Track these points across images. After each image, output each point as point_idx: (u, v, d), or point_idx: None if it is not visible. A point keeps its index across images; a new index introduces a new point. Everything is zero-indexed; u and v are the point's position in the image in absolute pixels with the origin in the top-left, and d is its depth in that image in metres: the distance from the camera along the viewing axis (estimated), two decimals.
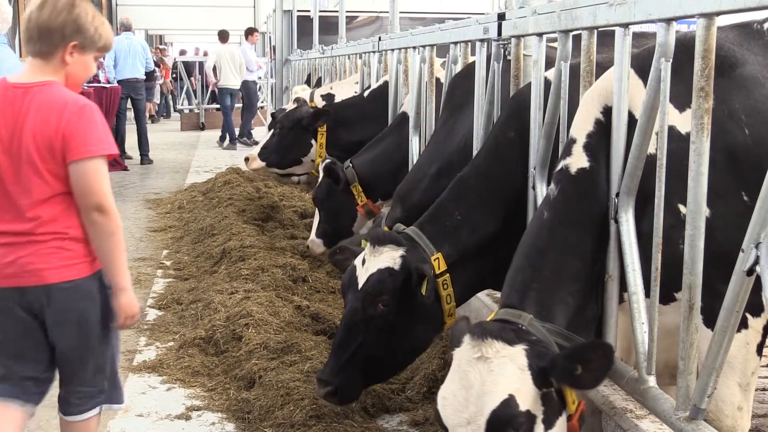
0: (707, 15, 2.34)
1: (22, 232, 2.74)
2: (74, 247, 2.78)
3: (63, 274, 2.77)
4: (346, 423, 3.68)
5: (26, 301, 2.77)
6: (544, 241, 2.84)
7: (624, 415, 2.78)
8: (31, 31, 2.79)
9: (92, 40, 2.83)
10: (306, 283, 6.00)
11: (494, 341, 2.47)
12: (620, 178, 2.79)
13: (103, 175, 2.76)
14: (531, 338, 2.54)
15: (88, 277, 2.82)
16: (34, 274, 2.74)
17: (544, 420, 2.48)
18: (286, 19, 16.90)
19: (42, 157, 2.72)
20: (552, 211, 2.89)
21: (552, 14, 3.26)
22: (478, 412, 2.41)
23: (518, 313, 2.65)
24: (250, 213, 8.13)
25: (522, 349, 2.48)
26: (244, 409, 3.94)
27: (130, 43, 13.22)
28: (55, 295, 2.77)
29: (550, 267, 2.78)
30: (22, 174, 2.74)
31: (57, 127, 2.71)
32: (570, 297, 2.76)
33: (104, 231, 2.77)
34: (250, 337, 4.61)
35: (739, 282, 2.26)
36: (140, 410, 4.11)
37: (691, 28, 3.74)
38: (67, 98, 2.77)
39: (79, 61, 2.83)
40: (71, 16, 2.78)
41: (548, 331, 2.61)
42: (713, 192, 2.54)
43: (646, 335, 2.73)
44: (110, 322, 2.90)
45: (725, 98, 2.79)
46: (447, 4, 18.15)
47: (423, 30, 5.94)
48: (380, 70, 7.36)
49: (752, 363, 2.74)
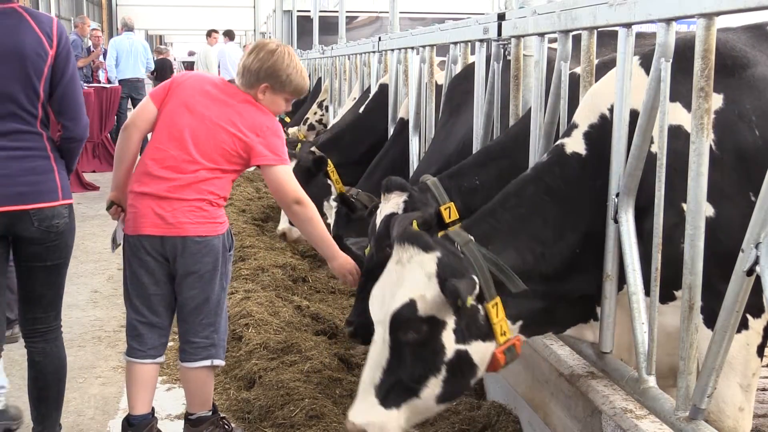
0: (707, 15, 2.34)
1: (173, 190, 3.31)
2: (210, 209, 3.32)
3: (198, 230, 3.31)
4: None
5: (164, 249, 3.32)
6: (522, 197, 2.88)
7: (624, 415, 2.78)
8: (238, 71, 3.47)
9: (282, 85, 3.40)
10: (306, 283, 6.00)
11: (410, 247, 2.65)
12: (620, 178, 2.79)
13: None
14: (449, 249, 2.67)
15: (215, 236, 3.34)
16: (177, 226, 3.29)
17: (456, 331, 2.64)
18: (286, 19, 16.93)
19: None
20: (539, 179, 2.91)
21: (552, 14, 3.26)
22: (387, 313, 2.63)
23: (460, 233, 2.76)
24: (250, 213, 8.14)
25: (434, 257, 2.62)
26: (244, 409, 3.94)
27: (132, 43, 13.23)
28: (190, 246, 3.31)
29: (514, 216, 2.85)
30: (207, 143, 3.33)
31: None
32: (524, 249, 2.79)
33: (303, 218, 3.46)
34: (250, 337, 4.61)
35: (739, 282, 2.26)
36: None
37: (691, 28, 3.75)
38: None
39: (268, 99, 3.42)
40: (267, 63, 3.37)
41: (483, 257, 2.68)
42: (720, 192, 2.54)
43: (646, 335, 2.73)
44: (225, 283, 3.45)
45: (736, 99, 2.78)
46: (447, 4, 18.16)
47: (423, 30, 5.93)
48: (380, 71, 7.36)
49: (753, 364, 2.74)
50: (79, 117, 3.38)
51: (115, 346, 5.11)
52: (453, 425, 3.72)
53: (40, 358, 3.45)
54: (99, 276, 6.70)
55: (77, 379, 4.55)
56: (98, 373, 4.67)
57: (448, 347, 2.64)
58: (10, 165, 3.20)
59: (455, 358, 2.66)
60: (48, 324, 3.46)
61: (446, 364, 2.65)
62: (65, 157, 3.41)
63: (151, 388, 3.50)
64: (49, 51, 3.22)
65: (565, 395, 3.20)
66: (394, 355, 2.66)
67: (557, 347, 3.41)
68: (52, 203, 3.29)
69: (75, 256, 7.37)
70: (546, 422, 3.39)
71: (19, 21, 3.20)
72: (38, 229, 3.26)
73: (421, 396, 2.66)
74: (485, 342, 2.69)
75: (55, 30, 3.26)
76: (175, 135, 3.33)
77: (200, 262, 3.34)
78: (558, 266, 2.84)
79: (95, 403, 4.27)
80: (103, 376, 4.63)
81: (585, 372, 3.14)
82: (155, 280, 3.39)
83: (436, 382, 2.66)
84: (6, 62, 3.16)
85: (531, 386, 3.59)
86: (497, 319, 2.68)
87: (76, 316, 5.67)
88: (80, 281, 6.57)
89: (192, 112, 3.35)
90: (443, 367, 2.65)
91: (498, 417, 3.71)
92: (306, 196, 3.45)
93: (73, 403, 4.24)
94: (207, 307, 3.40)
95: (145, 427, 3.48)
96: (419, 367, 2.64)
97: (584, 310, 2.99)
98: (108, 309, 5.82)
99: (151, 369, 3.48)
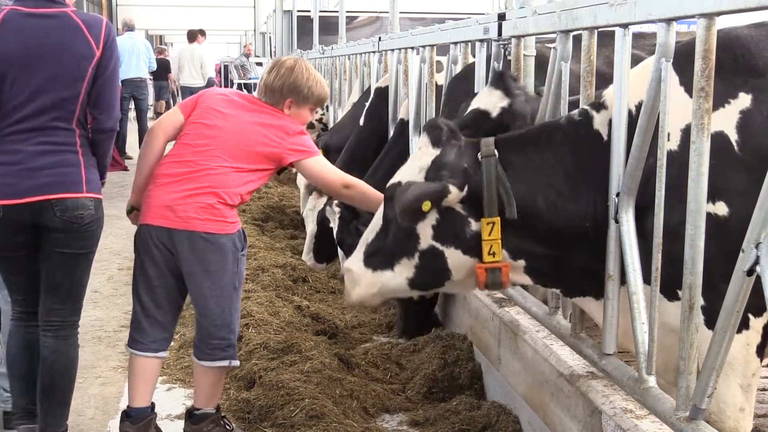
0: (707, 15, 2.34)
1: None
2: (221, 207, 3.36)
3: (206, 226, 3.35)
4: (346, 423, 3.68)
5: (172, 242, 3.37)
6: (551, 142, 2.90)
7: (624, 415, 2.78)
8: (260, 90, 3.61)
9: (305, 98, 3.53)
10: (306, 283, 6.00)
11: (425, 136, 2.91)
12: (620, 178, 2.78)
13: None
14: (456, 152, 2.84)
15: (225, 235, 3.38)
16: (185, 220, 3.34)
17: (435, 227, 2.86)
18: (286, 19, 16.94)
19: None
20: (568, 134, 2.90)
21: (552, 14, 3.26)
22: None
23: (490, 145, 2.87)
24: (250, 213, 8.14)
25: (434, 154, 2.86)
26: (244, 409, 3.94)
27: (134, 43, 13.23)
28: (196, 241, 3.34)
29: (542, 157, 2.88)
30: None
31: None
32: (538, 191, 2.84)
33: (358, 199, 3.60)
34: (250, 337, 4.61)
35: (739, 282, 2.26)
36: None
37: (691, 28, 3.74)
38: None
39: (294, 112, 3.54)
40: (289, 80, 3.50)
41: (496, 174, 2.80)
42: (736, 191, 2.53)
43: (646, 335, 2.73)
44: (237, 283, 3.47)
45: (766, 100, 2.72)
46: (447, 4, 18.15)
47: (423, 30, 5.93)
48: (380, 71, 7.36)
49: (753, 364, 2.73)
50: (110, 110, 3.47)
51: (115, 346, 5.11)
52: (453, 425, 3.72)
53: (48, 353, 3.47)
54: (99, 276, 6.69)
55: (77, 379, 4.54)
56: (98, 373, 4.67)
57: (423, 239, 2.89)
58: (40, 159, 3.31)
59: (429, 251, 2.89)
60: (63, 318, 3.48)
61: (420, 253, 2.91)
62: (97, 150, 3.50)
63: (150, 382, 3.54)
64: (95, 53, 3.36)
65: (565, 395, 3.20)
66: (384, 226, 2.99)
67: (557, 347, 3.41)
68: (75, 194, 3.35)
69: None
70: (546, 422, 3.39)
71: (69, 24, 3.36)
72: (60, 219, 3.33)
73: (395, 270, 2.96)
74: (465, 254, 2.87)
75: (103, 32, 3.41)
76: (203, 133, 3.42)
77: (206, 259, 3.36)
78: (564, 225, 2.84)
79: (95, 403, 4.27)
80: (103, 376, 4.63)
81: (585, 372, 3.14)
82: (160, 272, 3.43)
83: (408, 265, 2.94)
84: (53, 63, 3.31)
85: (531, 386, 3.59)
86: (488, 238, 2.81)
87: None
88: None
89: (222, 114, 3.46)
90: (416, 254, 2.92)
91: (498, 417, 3.71)
92: (350, 177, 3.59)
93: (73, 403, 4.22)
94: (219, 307, 3.43)
95: (143, 420, 3.51)
96: (397, 245, 2.94)
97: (589, 284, 2.98)
98: (108, 309, 5.83)
99: (152, 363, 3.52)
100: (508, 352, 3.89)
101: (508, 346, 3.88)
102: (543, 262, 2.93)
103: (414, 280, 2.97)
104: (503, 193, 2.78)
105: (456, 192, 2.81)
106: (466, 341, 4.45)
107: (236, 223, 3.47)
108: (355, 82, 8.57)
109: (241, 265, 3.50)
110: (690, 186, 2.43)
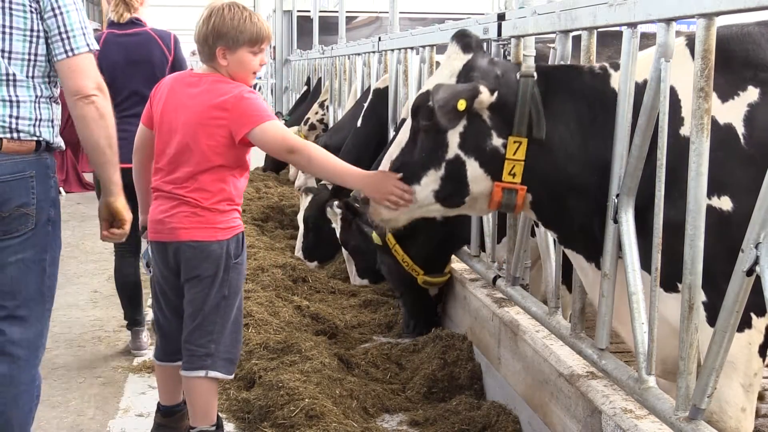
0: (707, 15, 2.34)
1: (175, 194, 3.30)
2: (205, 214, 3.27)
3: (192, 234, 3.28)
4: (346, 423, 3.68)
5: (170, 254, 3.34)
6: (583, 84, 2.93)
7: (624, 415, 2.78)
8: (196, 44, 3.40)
9: (234, 40, 3.25)
10: (306, 283, 6.00)
11: (454, 44, 2.92)
12: (620, 178, 2.78)
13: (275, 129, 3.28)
14: (487, 60, 2.91)
15: (215, 242, 3.29)
16: (172, 232, 3.30)
17: (462, 135, 2.86)
18: (286, 19, 16.93)
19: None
20: (591, 86, 2.93)
21: (552, 14, 3.26)
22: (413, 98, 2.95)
23: (530, 67, 2.92)
24: (250, 213, 8.13)
25: (466, 59, 2.88)
26: (244, 409, 3.94)
27: None
28: (185, 251, 3.29)
29: (572, 95, 2.90)
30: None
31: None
32: (563, 126, 2.86)
33: (304, 163, 3.28)
34: (250, 337, 4.60)
35: (739, 282, 2.26)
36: (140, 410, 4.12)
37: (690, 28, 3.74)
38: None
39: (232, 62, 3.28)
40: (210, 26, 3.26)
41: (531, 95, 2.82)
42: (744, 188, 2.52)
43: (646, 335, 2.73)
44: (227, 291, 3.33)
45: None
46: (447, 4, 18.13)
47: (423, 30, 5.93)
48: (380, 71, 7.36)
49: (755, 364, 2.73)
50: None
51: (115, 346, 5.11)
52: (453, 425, 3.72)
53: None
54: (99, 276, 6.70)
55: (77, 379, 4.56)
56: (98, 373, 4.68)
57: (451, 147, 2.88)
58: (131, 129, 3.66)
59: (455, 160, 2.89)
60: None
61: (446, 162, 2.90)
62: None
63: (172, 385, 3.60)
64: (169, 58, 4.86)
65: (564, 395, 3.20)
66: (411, 139, 2.96)
67: (557, 347, 3.41)
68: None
69: (75, 256, 7.42)
70: (546, 422, 3.39)
71: (149, 39, 4.88)
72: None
73: (422, 184, 2.93)
74: (481, 167, 2.88)
75: (172, 43, 4.93)
76: (162, 149, 3.35)
77: (198, 267, 3.29)
78: (571, 172, 2.86)
79: (95, 403, 4.27)
80: (103, 376, 4.63)
81: (585, 372, 3.14)
82: (168, 285, 3.44)
83: (435, 177, 2.92)
84: (141, 68, 4.79)
85: (531, 386, 3.59)
86: (512, 157, 2.83)
87: (76, 316, 5.68)
88: (80, 281, 6.58)
89: (168, 119, 3.33)
90: (443, 165, 2.90)
91: (498, 417, 3.71)
92: (297, 140, 3.31)
93: (73, 403, 4.24)
94: (202, 314, 3.32)
95: (173, 415, 3.63)
96: (425, 157, 2.92)
97: (583, 243, 3.01)
98: (108, 309, 5.83)
99: (170, 369, 3.56)
100: (507, 352, 3.89)
101: (508, 346, 3.88)
102: (546, 202, 2.95)
103: (439, 193, 2.95)
104: (534, 114, 2.81)
105: (487, 95, 2.82)
106: (465, 341, 4.45)
107: (231, 228, 3.33)
108: (355, 82, 8.57)
109: (232, 273, 3.33)
110: (690, 186, 2.43)
